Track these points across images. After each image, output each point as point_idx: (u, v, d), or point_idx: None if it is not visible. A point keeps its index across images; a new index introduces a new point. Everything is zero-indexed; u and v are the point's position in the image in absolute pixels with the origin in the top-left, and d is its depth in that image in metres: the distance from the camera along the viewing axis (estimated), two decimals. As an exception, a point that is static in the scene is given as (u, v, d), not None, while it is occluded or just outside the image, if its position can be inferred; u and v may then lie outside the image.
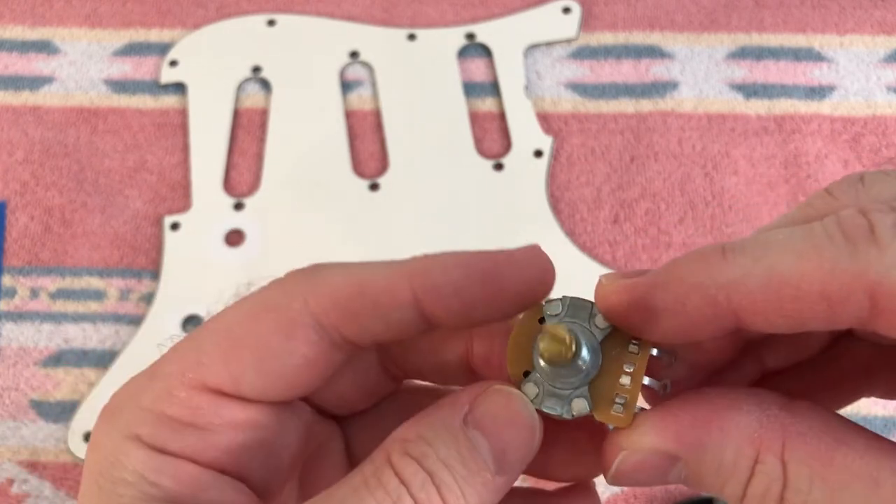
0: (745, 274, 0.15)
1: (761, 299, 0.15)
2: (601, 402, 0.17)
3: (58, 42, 0.54)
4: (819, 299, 0.14)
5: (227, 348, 0.17)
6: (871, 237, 0.14)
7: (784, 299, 0.15)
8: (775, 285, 0.15)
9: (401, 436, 0.17)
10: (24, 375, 0.44)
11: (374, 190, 0.48)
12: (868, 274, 0.14)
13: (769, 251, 0.15)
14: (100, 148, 0.50)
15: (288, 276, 0.19)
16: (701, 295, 0.15)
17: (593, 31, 0.54)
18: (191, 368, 0.17)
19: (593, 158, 0.50)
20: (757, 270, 0.15)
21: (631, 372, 0.17)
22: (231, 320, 0.18)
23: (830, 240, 0.15)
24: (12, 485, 0.41)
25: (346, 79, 0.53)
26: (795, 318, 0.15)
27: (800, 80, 0.52)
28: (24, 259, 0.47)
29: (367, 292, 0.18)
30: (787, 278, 0.15)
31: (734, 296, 0.15)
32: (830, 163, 0.49)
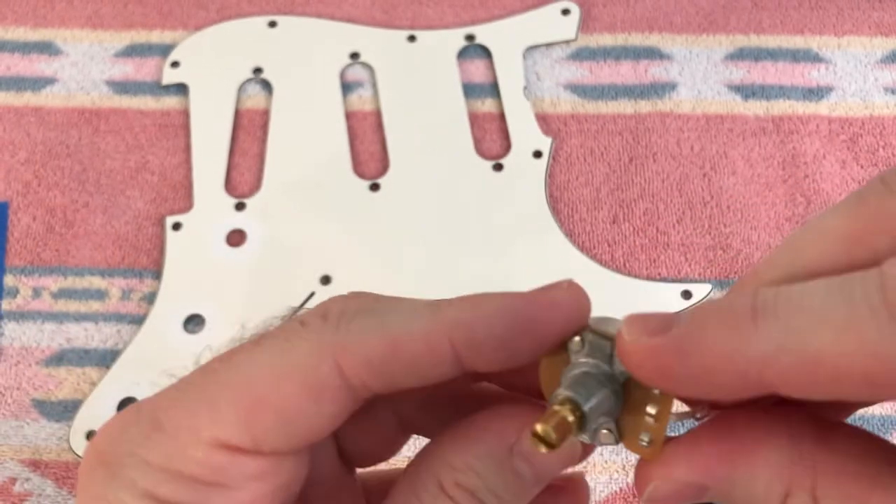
0: (779, 348, 0.13)
1: (795, 377, 0.13)
2: (628, 434, 0.17)
3: (59, 43, 0.54)
4: (861, 381, 0.13)
5: (248, 409, 0.16)
6: None
7: (821, 379, 0.13)
8: (812, 364, 0.13)
9: (450, 462, 0.17)
10: (26, 375, 0.44)
11: (375, 190, 0.49)
12: None
13: (804, 320, 0.13)
14: (102, 148, 0.51)
15: (313, 325, 0.17)
16: (729, 367, 0.14)
17: (592, 33, 0.54)
18: (206, 426, 0.16)
19: (592, 159, 0.50)
20: (791, 345, 0.13)
21: (654, 413, 0.16)
22: (251, 377, 0.16)
23: (874, 314, 0.13)
24: (14, 483, 0.42)
25: (346, 80, 0.53)
26: (832, 394, 0.13)
27: (798, 81, 0.52)
28: (27, 259, 0.47)
29: (403, 352, 0.16)
30: (825, 358, 0.13)
31: (766, 371, 0.14)
32: (828, 163, 0.50)
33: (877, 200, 0.15)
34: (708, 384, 0.15)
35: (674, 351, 0.15)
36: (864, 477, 0.15)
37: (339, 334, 0.17)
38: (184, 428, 0.16)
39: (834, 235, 0.15)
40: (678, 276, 0.46)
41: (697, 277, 0.46)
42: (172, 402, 0.17)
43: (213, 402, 0.16)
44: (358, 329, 0.17)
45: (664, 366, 0.15)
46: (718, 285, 0.46)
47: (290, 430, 0.16)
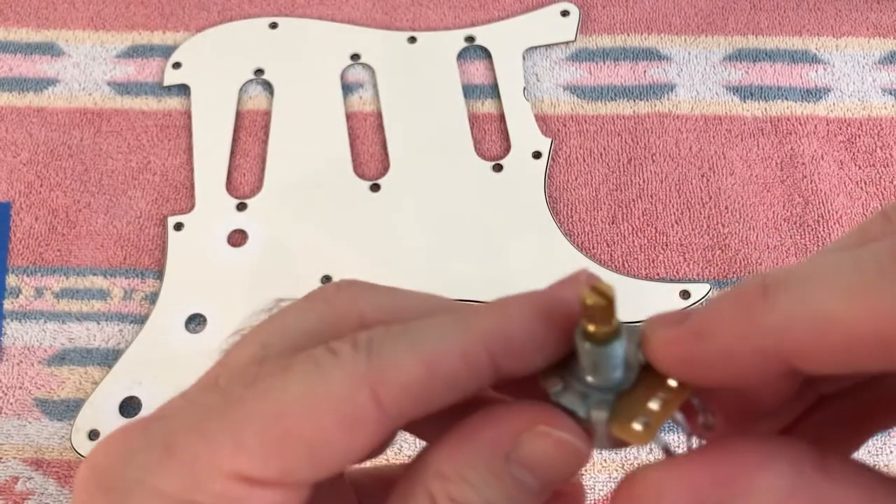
0: (791, 318, 0.13)
1: (812, 345, 0.13)
2: (623, 415, 0.16)
3: (62, 44, 0.55)
4: (875, 344, 0.13)
5: (278, 441, 0.15)
6: None
7: (836, 344, 0.13)
8: (825, 330, 0.13)
9: (441, 472, 0.16)
10: (28, 374, 0.44)
11: (375, 191, 0.49)
12: None
13: (815, 289, 0.13)
14: (104, 149, 0.51)
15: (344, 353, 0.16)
16: (746, 345, 0.14)
17: (591, 34, 0.55)
18: (228, 458, 0.15)
19: (591, 160, 0.50)
20: (804, 313, 0.13)
21: (664, 398, 0.16)
22: (282, 407, 0.15)
23: (883, 274, 0.13)
24: (17, 482, 0.42)
25: (347, 81, 0.53)
26: (851, 363, 0.13)
27: (796, 82, 0.53)
28: (29, 259, 0.47)
29: (441, 371, 0.15)
30: (838, 322, 0.13)
31: (782, 343, 0.14)
32: (826, 164, 0.50)
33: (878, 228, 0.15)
34: (726, 367, 0.15)
35: (692, 336, 0.15)
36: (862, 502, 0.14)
37: (373, 362, 0.15)
38: (202, 457, 0.15)
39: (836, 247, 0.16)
40: (677, 276, 0.47)
41: (696, 277, 0.47)
42: (189, 428, 0.16)
43: (238, 433, 0.15)
44: (391, 354, 0.15)
45: (683, 352, 0.15)
46: (717, 285, 0.46)
47: (319, 461, 0.15)
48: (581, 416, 0.16)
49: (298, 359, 0.16)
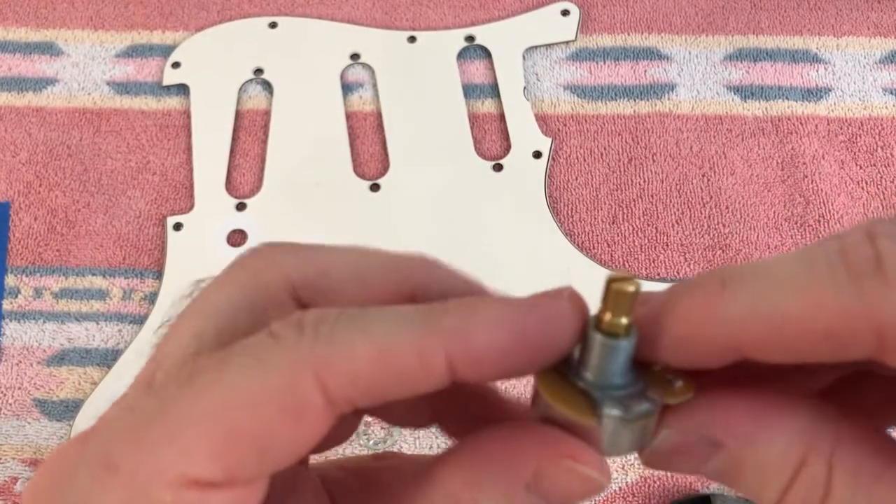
0: (746, 311, 0.14)
1: (763, 337, 0.14)
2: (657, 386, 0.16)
3: (61, 44, 0.55)
4: (824, 338, 0.14)
5: (222, 441, 0.14)
6: (877, 271, 0.13)
7: (787, 338, 0.14)
8: (777, 324, 0.14)
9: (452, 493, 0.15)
10: (27, 374, 0.44)
11: (375, 190, 0.49)
12: (875, 313, 0.13)
13: (770, 286, 0.14)
14: (103, 149, 0.51)
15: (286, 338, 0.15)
16: (701, 333, 0.15)
17: (591, 34, 0.55)
18: (171, 464, 0.14)
19: (592, 159, 0.50)
20: (758, 308, 0.14)
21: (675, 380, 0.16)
22: (222, 405, 0.14)
23: (833, 274, 0.14)
24: (16, 483, 0.42)
25: (347, 80, 0.53)
26: (801, 354, 0.14)
27: (796, 81, 0.53)
28: (28, 259, 0.47)
29: (393, 365, 0.15)
30: (790, 317, 0.14)
31: (736, 334, 0.14)
32: (826, 163, 0.50)
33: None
34: (685, 352, 0.15)
35: (652, 321, 0.15)
36: (881, 451, 0.15)
37: (318, 347, 0.15)
38: (145, 468, 0.14)
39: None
40: (677, 276, 0.46)
41: (696, 277, 0.46)
42: (126, 438, 0.15)
43: (178, 436, 0.14)
44: (340, 340, 0.15)
45: (645, 335, 0.16)
46: (717, 285, 0.46)
47: (267, 457, 0.15)
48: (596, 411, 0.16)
49: (235, 349, 0.15)
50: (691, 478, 0.41)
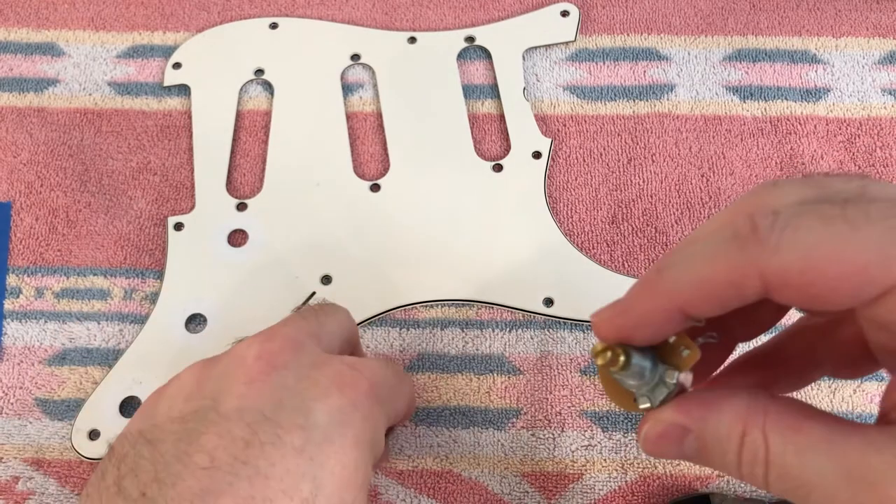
0: (678, 282, 0.21)
1: (693, 297, 0.21)
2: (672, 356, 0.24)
3: (62, 44, 0.55)
4: (730, 287, 0.20)
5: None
6: (755, 236, 0.20)
7: (708, 293, 0.20)
8: (699, 285, 0.21)
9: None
10: (29, 374, 0.44)
11: (375, 191, 0.49)
12: (755, 262, 0.19)
13: (693, 261, 0.21)
14: (104, 149, 0.51)
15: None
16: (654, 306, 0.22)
17: (591, 34, 0.55)
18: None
19: (591, 160, 0.50)
20: (686, 278, 0.21)
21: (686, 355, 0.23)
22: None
23: (728, 243, 0.20)
24: (17, 482, 0.42)
25: (347, 81, 0.54)
26: (720, 303, 0.21)
27: (795, 82, 0.53)
28: (29, 259, 0.47)
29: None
30: (707, 278, 0.20)
31: (674, 299, 0.21)
32: (826, 164, 0.50)
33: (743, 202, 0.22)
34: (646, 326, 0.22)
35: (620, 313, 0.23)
36: (798, 414, 0.21)
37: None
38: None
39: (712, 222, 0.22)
40: (676, 276, 0.47)
41: (696, 277, 0.47)
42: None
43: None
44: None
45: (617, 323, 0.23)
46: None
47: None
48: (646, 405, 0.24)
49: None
50: (690, 477, 0.42)
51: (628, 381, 0.23)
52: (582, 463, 0.42)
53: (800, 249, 0.19)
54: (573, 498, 0.41)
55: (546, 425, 0.43)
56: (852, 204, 0.19)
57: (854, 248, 0.18)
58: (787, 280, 0.19)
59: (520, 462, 0.42)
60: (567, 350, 0.44)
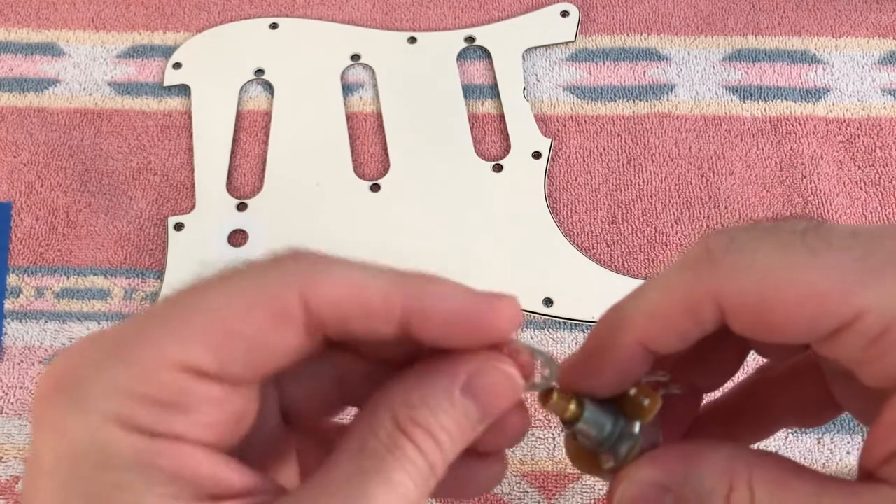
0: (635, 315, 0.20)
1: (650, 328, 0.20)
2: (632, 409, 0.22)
3: (62, 45, 0.55)
4: (686, 314, 0.19)
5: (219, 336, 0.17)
6: (708, 259, 0.19)
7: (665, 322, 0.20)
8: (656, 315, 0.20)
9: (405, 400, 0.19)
10: (29, 374, 0.44)
11: (375, 191, 0.49)
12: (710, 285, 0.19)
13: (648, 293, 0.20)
14: (104, 149, 0.51)
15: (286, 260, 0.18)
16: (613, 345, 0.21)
17: (591, 35, 0.55)
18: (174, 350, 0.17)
19: (591, 160, 0.50)
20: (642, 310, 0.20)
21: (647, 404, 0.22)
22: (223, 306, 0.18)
23: (683, 270, 0.19)
24: (18, 482, 0.42)
25: (347, 81, 0.54)
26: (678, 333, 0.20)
27: (795, 82, 0.53)
28: (30, 259, 0.47)
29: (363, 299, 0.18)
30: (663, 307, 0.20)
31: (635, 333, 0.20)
32: (825, 164, 0.50)
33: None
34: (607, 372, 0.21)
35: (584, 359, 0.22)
36: (784, 469, 0.19)
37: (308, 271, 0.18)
38: (151, 352, 0.17)
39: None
40: (676, 276, 0.47)
41: (695, 277, 0.47)
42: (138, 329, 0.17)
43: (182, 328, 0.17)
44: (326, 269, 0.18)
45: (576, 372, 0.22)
46: (716, 285, 0.46)
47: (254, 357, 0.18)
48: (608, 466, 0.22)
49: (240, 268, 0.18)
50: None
51: (591, 435, 0.22)
52: (582, 463, 0.42)
53: (756, 272, 0.18)
54: (573, 498, 0.41)
55: (546, 425, 0.43)
56: (812, 232, 0.18)
57: (813, 274, 0.17)
58: (743, 304, 0.18)
59: (519, 462, 0.42)
60: (567, 350, 0.44)
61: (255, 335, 0.17)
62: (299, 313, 0.18)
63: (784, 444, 0.42)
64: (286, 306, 0.17)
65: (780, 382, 0.24)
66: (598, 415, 0.21)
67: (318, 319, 0.18)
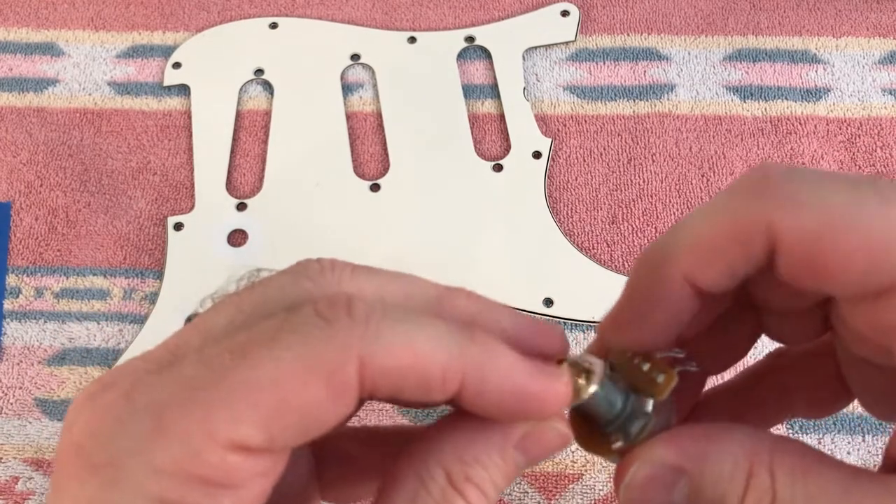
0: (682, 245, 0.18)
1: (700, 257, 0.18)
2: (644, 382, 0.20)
3: (62, 44, 0.55)
4: (736, 244, 0.17)
5: (271, 411, 0.16)
6: (766, 185, 0.17)
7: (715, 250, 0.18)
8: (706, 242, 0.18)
9: (460, 456, 0.18)
10: (28, 374, 0.44)
11: (375, 191, 0.49)
12: (765, 213, 0.17)
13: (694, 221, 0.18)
14: (104, 149, 0.51)
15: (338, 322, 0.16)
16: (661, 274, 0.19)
17: (591, 34, 0.55)
18: (223, 429, 0.15)
19: (591, 160, 0.50)
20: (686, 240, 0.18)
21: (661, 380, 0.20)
22: (275, 377, 0.16)
23: (735, 195, 0.18)
24: (17, 482, 0.42)
25: (347, 81, 0.53)
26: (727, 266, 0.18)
27: (796, 82, 0.53)
28: (29, 259, 0.47)
29: (421, 372, 0.17)
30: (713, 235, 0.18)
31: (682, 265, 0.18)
32: (826, 164, 0.50)
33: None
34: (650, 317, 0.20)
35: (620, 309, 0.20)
36: (807, 455, 0.18)
37: (367, 336, 0.16)
38: (197, 430, 0.15)
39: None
40: (677, 276, 0.47)
41: (696, 277, 0.47)
42: (181, 400, 0.16)
43: (233, 404, 0.16)
44: (386, 336, 0.16)
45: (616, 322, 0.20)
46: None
47: (308, 427, 0.16)
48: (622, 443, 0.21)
49: (286, 326, 0.16)
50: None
51: (600, 412, 0.20)
52: (582, 463, 0.42)
53: (819, 207, 0.16)
54: (573, 498, 0.41)
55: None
56: (884, 181, 0.17)
57: (883, 224, 0.16)
58: (800, 240, 0.16)
59: (520, 462, 0.42)
60: (567, 350, 0.44)
61: (310, 408, 0.16)
62: (356, 384, 0.16)
63: (785, 445, 0.42)
64: (344, 378, 0.16)
65: (793, 368, 0.23)
66: (609, 390, 0.20)
67: (371, 386, 0.17)
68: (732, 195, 0.18)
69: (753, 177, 0.17)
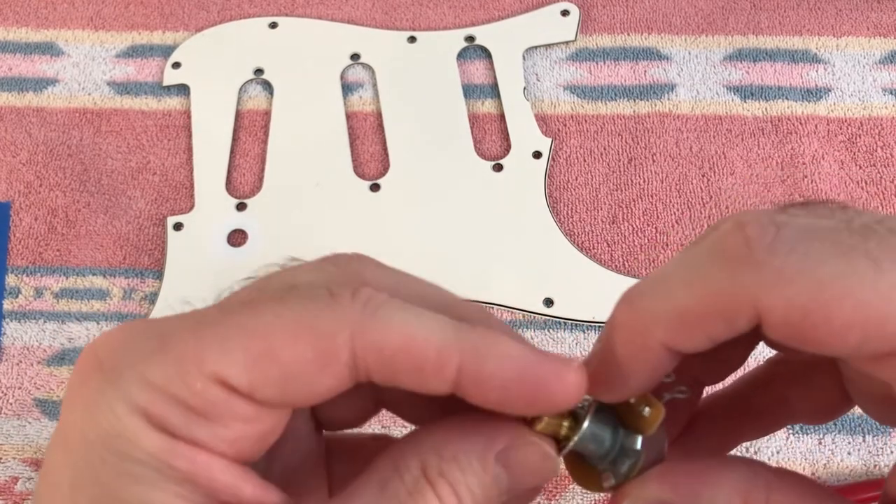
0: (662, 316, 0.17)
1: (673, 330, 0.17)
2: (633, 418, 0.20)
3: (61, 44, 0.55)
4: (720, 318, 0.16)
5: (256, 357, 0.17)
6: (749, 256, 0.16)
7: (692, 325, 0.17)
8: (680, 315, 0.17)
9: (438, 450, 0.18)
10: (28, 374, 0.44)
11: (375, 191, 0.49)
12: (749, 290, 0.16)
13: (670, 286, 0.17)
14: (103, 149, 0.51)
15: (342, 298, 0.17)
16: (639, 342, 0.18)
17: (591, 34, 0.55)
18: (211, 361, 0.17)
19: (591, 159, 0.50)
20: (663, 307, 0.17)
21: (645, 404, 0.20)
22: (269, 327, 0.17)
23: (716, 265, 0.16)
24: (16, 483, 0.42)
25: (347, 81, 0.53)
26: (707, 336, 0.17)
27: (796, 81, 0.53)
28: (29, 259, 0.47)
29: (414, 354, 0.17)
30: (695, 309, 0.17)
31: (662, 335, 0.17)
32: (826, 164, 0.50)
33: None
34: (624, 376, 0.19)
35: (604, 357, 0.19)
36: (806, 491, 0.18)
37: (364, 314, 0.17)
38: (190, 356, 0.17)
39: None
40: (677, 276, 0.46)
41: (696, 277, 0.46)
42: (185, 329, 0.17)
43: (226, 340, 0.17)
44: (383, 316, 0.17)
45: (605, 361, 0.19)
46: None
47: (287, 387, 0.17)
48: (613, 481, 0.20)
49: (296, 293, 0.17)
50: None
51: (589, 451, 0.20)
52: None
53: (809, 282, 0.15)
54: (573, 498, 0.41)
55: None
56: (875, 236, 0.16)
57: (876, 295, 0.15)
58: (788, 316, 0.16)
59: (520, 462, 0.42)
60: (567, 350, 0.44)
61: (293, 365, 0.17)
62: (345, 356, 0.17)
63: (785, 445, 0.42)
64: (332, 346, 0.17)
65: (792, 375, 0.22)
66: (595, 428, 0.19)
67: (364, 365, 0.17)
68: (713, 261, 0.16)
69: (733, 241, 0.16)
